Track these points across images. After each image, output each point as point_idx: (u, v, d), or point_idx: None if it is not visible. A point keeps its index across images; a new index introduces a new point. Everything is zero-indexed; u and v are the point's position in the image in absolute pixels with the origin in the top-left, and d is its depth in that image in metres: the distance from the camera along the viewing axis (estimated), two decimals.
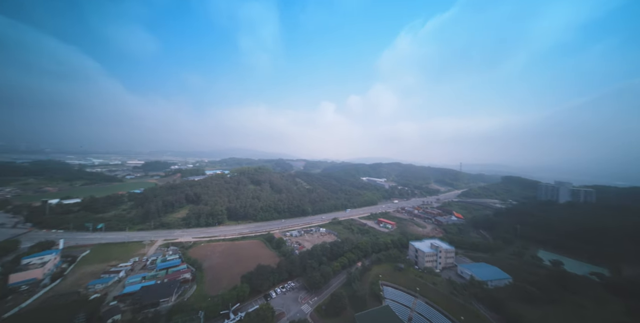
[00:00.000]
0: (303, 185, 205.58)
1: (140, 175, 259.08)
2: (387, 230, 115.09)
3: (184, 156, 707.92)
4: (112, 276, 59.39)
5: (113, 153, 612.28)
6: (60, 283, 56.44)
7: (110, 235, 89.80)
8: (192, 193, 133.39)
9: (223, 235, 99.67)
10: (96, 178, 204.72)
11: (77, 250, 74.75)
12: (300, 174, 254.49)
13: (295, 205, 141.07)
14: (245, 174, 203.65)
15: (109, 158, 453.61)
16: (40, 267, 58.00)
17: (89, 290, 53.99)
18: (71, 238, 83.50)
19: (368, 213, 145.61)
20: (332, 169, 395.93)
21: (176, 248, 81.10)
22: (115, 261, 69.79)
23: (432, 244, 74.53)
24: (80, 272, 62.28)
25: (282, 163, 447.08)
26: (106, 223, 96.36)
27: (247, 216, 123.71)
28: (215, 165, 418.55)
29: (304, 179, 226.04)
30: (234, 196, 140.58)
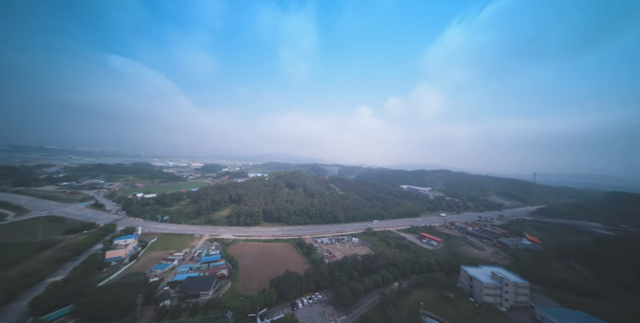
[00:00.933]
0: (336, 191, 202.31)
1: (199, 176, 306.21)
2: (431, 248, 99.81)
3: (233, 159, 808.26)
4: (168, 264, 69.52)
5: (182, 157, 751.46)
6: (135, 263, 69.39)
7: (172, 227, 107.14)
8: (235, 194, 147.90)
9: (258, 236, 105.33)
10: (169, 177, 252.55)
11: (149, 236, 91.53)
12: (334, 179, 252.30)
13: (327, 210, 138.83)
14: (281, 177, 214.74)
15: (179, 161, 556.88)
16: (124, 248, 72.89)
17: (152, 273, 64.32)
18: (146, 226, 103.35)
19: (408, 226, 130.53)
20: (368, 175, 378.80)
21: (218, 244, 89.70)
22: (173, 250, 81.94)
23: (495, 273, 59.61)
24: (148, 256, 75.46)
25: (317, 168, 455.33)
26: (170, 216, 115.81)
27: (281, 219, 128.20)
28: (257, 168, 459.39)
29: (337, 185, 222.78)
30: (270, 199, 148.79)
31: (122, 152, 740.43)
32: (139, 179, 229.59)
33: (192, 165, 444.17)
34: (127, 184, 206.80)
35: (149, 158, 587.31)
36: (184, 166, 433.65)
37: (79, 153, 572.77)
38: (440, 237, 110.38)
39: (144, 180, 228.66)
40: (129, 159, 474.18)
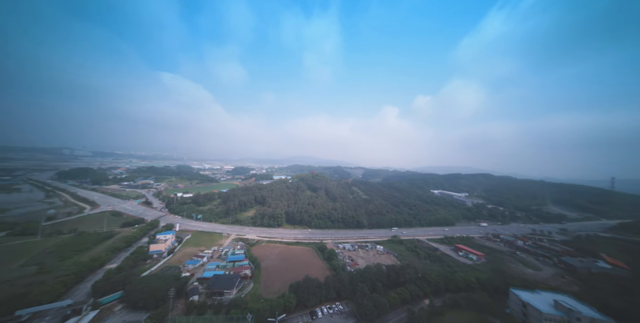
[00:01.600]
0: (360, 195, 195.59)
1: (230, 178, 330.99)
2: (470, 262, 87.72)
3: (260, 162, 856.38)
4: (198, 260, 75.01)
5: (216, 160, 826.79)
6: (171, 257, 76.79)
7: (204, 225, 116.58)
8: (260, 196, 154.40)
9: (281, 238, 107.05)
10: (204, 179, 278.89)
11: (184, 233, 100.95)
12: (358, 182, 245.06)
13: (349, 215, 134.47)
14: (304, 180, 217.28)
15: (214, 163, 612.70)
16: (164, 243, 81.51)
17: (184, 268, 70.10)
18: (183, 223, 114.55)
19: (440, 235, 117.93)
20: (394, 178, 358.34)
21: (243, 244, 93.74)
22: (203, 247, 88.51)
23: (559, 302, 48.62)
24: (183, 251, 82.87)
25: (339, 171, 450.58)
26: (203, 214, 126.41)
27: (303, 221, 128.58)
28: (282, 171, 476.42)
29: (361, 189, 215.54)
30: (293, 201, 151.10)
31: (169, 156, 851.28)
32: (180, 180, 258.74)
33: (224, 167, 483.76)
34: (171, 184, 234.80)
35: (189, 161, 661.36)
36: (217, 168, 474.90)
37: (138, 157, 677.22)
38: (481, 251, 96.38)
39: (184, 181, 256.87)
40: (174, 162, 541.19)
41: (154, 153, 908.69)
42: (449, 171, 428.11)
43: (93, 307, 48.67)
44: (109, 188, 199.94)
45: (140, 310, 49.69)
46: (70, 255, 74.11)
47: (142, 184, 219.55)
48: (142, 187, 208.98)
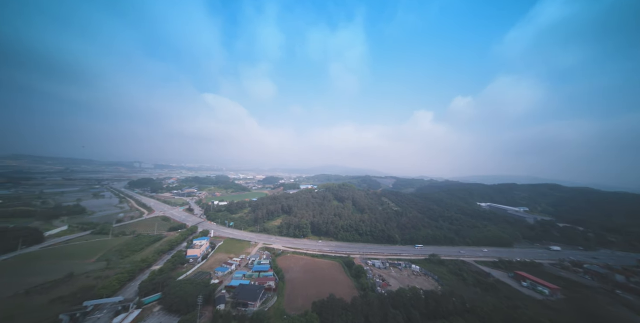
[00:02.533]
0: (390, 206, 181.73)
1: (260, 187, 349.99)
2: (539, 297, 69.79)
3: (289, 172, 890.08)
4: (227, 267, 77.96)
5: (249, 170, 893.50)
6: (204, 263, 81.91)
7: (235, 232, 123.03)
8: (287, 205, 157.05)
9: (306, 249, 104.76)
10: (238, 188, 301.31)
11: (217, 239, 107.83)
12: (388, 193, 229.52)
13: (379, 228, 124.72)
14: (330, 189, 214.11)
15: (247, 173, 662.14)
16: (199, 248, 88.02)
17: (214, 274, 73.46)
18: (217, 230, 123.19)
19: (493, 258, 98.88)
20: (430, 189, 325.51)
21: (269, 254, 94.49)
22: (233, 254, 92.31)
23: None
24: (215, 258, 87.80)
25: (368, 180, 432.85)
26: (235, 222, 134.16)
27: (328, 233, 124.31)
28: (309, 180, 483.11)
29: (391, 199, 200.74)
30: (318, 211, 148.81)
31: (211, 167, 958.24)
32: (218, 189, 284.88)
33: (256, 177, 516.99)
34: (210, 192, 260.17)
35: (227, 171, 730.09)
36: (250, 177, 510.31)
37: (187, 168, 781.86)
38: (555, 282, 75.91)
39: (221, 190, 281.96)
40: (214, 172, 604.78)
41: (199, 164, 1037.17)
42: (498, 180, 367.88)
43: (137, 305, 53.98)
44: (163, 195, 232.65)
45: (173, 313, 52.91)
46: (128, 254, 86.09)
47: (188, 192, 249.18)
48: (187, 195, 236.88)
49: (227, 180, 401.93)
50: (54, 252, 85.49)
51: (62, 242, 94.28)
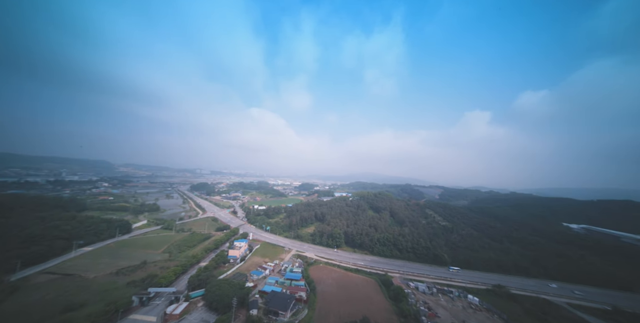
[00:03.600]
0: (436, 220, 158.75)
1: (296, 193, 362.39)
2: None
3: (324, 179, 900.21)
4: (262, 272, 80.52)
5: (287, 176, 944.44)
6: (242, 265, 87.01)
7: (271, 236, 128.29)
8: (320, 212, 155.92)
9: (339, 261, 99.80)
10: (276, 194, 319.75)
11: (255, 243, 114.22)
12: (434, 204, 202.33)
13: (422, 245, 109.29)
14: (365, 198, 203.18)
15: (285, 180, 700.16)
16: (239, 250, 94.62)
17: (250, 277, 76.71)
18: (255, 233, 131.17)
19: (602, 304, 72.05)
20: (490, 202, 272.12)
21: (301, 262, 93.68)
22: (267, 259, 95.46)
23: None
24: (251, 260, 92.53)
25: (408, 189, 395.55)
26: (271, 226, 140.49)
27: (363, 245, 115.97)
28: (344, 188, 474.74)
29: (438, 212, 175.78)
30: (352, 221, 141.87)
31: (254, 173, 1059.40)
32: (259, 194, 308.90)
33: (293, 183, 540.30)
34: (252, 197, 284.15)
35: (267, 178, 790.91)
36: (287, 184, 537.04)
37: (235, 175, 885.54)
38: None
39: (261, 195, 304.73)
40: (256, 179, 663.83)
41: (245, 171, 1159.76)
42: (598, 195, 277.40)
43: (185, 298, 60.44)
44: (214, 198, 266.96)
45: (213, 311, 56.79)
46: (184, 249, 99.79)
47: (233, 196, 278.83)
48: (233, 198, 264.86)
49: (266, 186, 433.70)
50: (136, 241, 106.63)
51: (141, 234, 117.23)
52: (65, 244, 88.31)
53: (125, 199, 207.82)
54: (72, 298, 60.86)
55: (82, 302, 58.89)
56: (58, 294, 62.63)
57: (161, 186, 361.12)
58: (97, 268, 77.72)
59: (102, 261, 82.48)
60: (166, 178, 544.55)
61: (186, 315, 54.99)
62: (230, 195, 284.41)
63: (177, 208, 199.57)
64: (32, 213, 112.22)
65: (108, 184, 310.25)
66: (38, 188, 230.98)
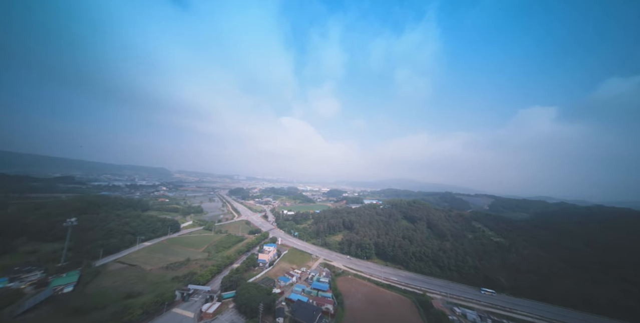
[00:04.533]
0: (487, 235, 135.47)
1: (325, 199, 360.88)
2: None
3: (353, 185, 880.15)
4: (289, 278, 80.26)
5: (315, 182, 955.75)
6: (270, 270, 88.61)
7: (298, 242, 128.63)
8: (348, 220, 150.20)
9: (369, 274, 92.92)
10: (304, 199, 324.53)
11: (283, 248, 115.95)
12: (483, 216, 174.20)
13: (470, 264, 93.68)
14: (398, 207, 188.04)
15: (314, 186, 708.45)
16: (268, 254, 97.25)
17: (277, 283, 77.12)
18: (284, 238, 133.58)
19: None
20: (563, 217, 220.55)
21: (329, 272, 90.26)
22: (295, 265, 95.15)
23: None
24: (279, 266, 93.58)
25: (449, 198, 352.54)
26: (299, 232, 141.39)
27: (396, 259, 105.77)
28: (374, 195, 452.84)
29: (488, 226, 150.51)
30: (383, 231, 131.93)
31: (285, 179, 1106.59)
32: (288, 199, 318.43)
33: (321, 189, 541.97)
34: (282, 202, 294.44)
35: (297, 183, 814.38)
36: (316, 190, 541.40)
37: (267, 180, 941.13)
38: None
39: (290, 200, 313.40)
40: (286, 184, 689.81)
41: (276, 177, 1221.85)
42: None
43: (218, 298, 63.95)
44: (248, 202, 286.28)
45: (242, 314, 58.35)
46: (221, 249, 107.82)
47: (265, 201, 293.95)
48: (265, 203, 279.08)
49: (295, 191, 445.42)
50: (183, 240, 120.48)
51: (187, 233, 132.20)
52: (131, 238, 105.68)
53: (177, 201, 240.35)
54: (133, 286, 71.12)
55: (140, 290, 68.20)
56: (124, 281, 74.12)
57: (205, 191, 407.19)
58: (152, 261, 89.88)
59: (156, 256, 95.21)
60: (210, 183, 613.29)
61: (218, 315, 57.83)
62: (263, 200, 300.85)
63: (217, 210, 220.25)
64: (112, 210, 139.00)
65: (166, 188, 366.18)
66: (119, 191, 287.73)
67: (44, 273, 74.26)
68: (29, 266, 75.66)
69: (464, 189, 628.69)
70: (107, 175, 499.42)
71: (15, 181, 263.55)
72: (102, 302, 61.54)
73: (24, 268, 74.64)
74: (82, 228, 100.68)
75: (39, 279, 70.79)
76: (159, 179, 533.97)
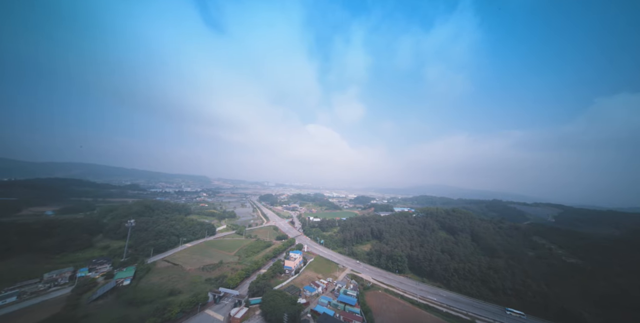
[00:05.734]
0: (554, 253, 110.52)
1: (351, 206, 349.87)
2: None
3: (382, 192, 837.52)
4: (314, 288, 77.48)
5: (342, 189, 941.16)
6: (296, 278, 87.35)
7: (324, 250, 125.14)
8: (376, 229, 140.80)
9: (402, 290, 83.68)
10: (330, 206, 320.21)
11: (309, 255, 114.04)
12: (548, 230, 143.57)
13: (534, 289, 76.75)
14: (434, 215, 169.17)
15: (340, 192, 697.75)
16: (294, 261, 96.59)
17: (303, 293, 75.05)
18: (310, 245, 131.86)
19: None
20: None
21: (356, 284, 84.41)
22: (321, 275, 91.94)
23: None
24: (305, 274, 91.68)
25: (498, 206, 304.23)
26: (325, 240, 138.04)
27: (434, 275, 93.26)
28: (406, 202, 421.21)
29: (557, 243, 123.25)
30: (417, 242, 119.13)
31: (311, 185, 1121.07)
32: (314, 206, 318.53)
33: (348, 196, 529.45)
34: (308, 209, 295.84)
35: (323, 190, 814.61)
36: (342, 197, 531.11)
37: (294, 187, 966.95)
38: None
39: (316, 207, 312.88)
40: (313, 191, 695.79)
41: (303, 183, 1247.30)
42: None
43: (246, 304, 65.07)
44: (276, 208, 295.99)
45: (267, 322, 57.78)
46: (250, 254, 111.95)
47: (292, 207, 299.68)
48: (292, 209, 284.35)
49: (322, 198, 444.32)
50: (218, 243, 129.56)
51: (221, 237, 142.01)
52: (175, 239, 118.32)
53: (214, 206, 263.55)
54: (175, 284, 78.15)
55: (180, 289, 74.45)
56: (168, 279, 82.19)
57: (239, 197, 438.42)
58: (191, 262, 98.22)
59: (194, 257, 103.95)
60: (242, 189, 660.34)
61: (245, 321, 58.51)
62: (290, 206, 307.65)
63: (248, 215, 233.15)
64: (163, 214, 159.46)
65: (206, 194, 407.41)
66: (169, 196, 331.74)
67: (111, 266, 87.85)
68: (101, 259, 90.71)
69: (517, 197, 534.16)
70: (162, 183, 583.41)
71: (101, 188, 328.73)
72: (150, 296, 68.89)
73: (98, 260, 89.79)
74: (139, 229, 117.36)
75: (107, 271, 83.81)
76: (200, 186, 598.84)
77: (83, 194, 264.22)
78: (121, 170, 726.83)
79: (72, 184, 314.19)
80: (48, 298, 67.26)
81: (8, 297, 64.25)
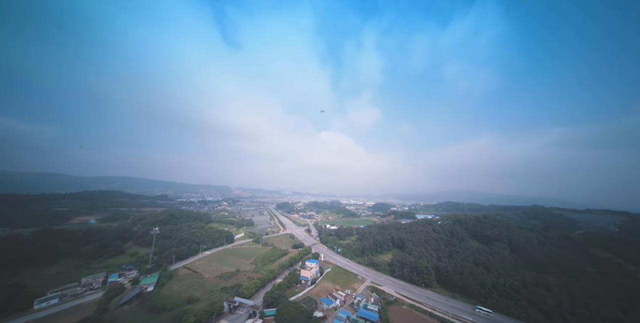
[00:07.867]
0: (626, 270, 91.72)
1: (370, 214, 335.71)
2: None
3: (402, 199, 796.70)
4: (332, 301, 72.39)
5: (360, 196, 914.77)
6: (312, 289, 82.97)
7: (342, 260, 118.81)
8: (397, 237, 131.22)
9: (431, 307, 74.63)
10: (348, 213, 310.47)
11: (326, 265, 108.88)
12: (610, 242, 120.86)
13: (603, 315, 63.16)
14: (462, 223, 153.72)
15: (357, 199, 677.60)
16: (310, 271, 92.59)
17: (320, 305, 70.46)
18: (326, 254, 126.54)
19: None
20: None
21: (377, 298, 77.47)
22: (339, 286, 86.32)
23: None
24: (321, 285, 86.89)
25: (540, 214, 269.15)
26: (342, 249, 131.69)
27: (467, 290, 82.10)
28: (429, 209, 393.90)
29: (621, 255, 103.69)
30: (445, 253, 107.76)
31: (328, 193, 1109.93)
32: (331, 214, 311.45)
33: (366, 203, 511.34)
34: (325, 216, 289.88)
35: (340, 197, 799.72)
36: (360, 204, 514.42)
37: (311, 195, 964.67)
38: None
39: (333, 214, 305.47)
40: (329, 198, 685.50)
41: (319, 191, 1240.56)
42: None
43: (260, 315, 62.62)
44: (293, 216, 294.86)
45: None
46: (266, 262, 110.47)
47: (309, 215, 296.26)
48: (308, 217, 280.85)
49: (339, 206, 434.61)
50: (235, 251, 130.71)
51: (239, 244, 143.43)
52: (196, 247, 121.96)
53: (234, 215, 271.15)
54: (193, 292, 78.98)
55: (197, 297, 74.85)
56: (187, 287, 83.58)
57: (257, 205, 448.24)
58: (210, 269, 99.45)
59: (213, 265, 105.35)
60: (260, 197, 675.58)
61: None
62: (306, 214, 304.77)
63: (265, 224, 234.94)
64: (185, 222, 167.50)
65: (226, 203, 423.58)
66: (193, 206, 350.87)
67: (138, 272, 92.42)
68: (130, 266, 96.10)
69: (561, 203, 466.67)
70: (187, 193, 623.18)
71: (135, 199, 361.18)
72: (170, 304, 70.07)
73: (127, 266, 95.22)
74: (163, 236, 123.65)
75: (134, 277, 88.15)
76: (222, 195, 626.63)
77: (120, 204, 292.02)
78: (152, 182, 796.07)
79: (112, 196, 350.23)
80: (83, 301, 72.01)
81: (52, 299, 70.13)
